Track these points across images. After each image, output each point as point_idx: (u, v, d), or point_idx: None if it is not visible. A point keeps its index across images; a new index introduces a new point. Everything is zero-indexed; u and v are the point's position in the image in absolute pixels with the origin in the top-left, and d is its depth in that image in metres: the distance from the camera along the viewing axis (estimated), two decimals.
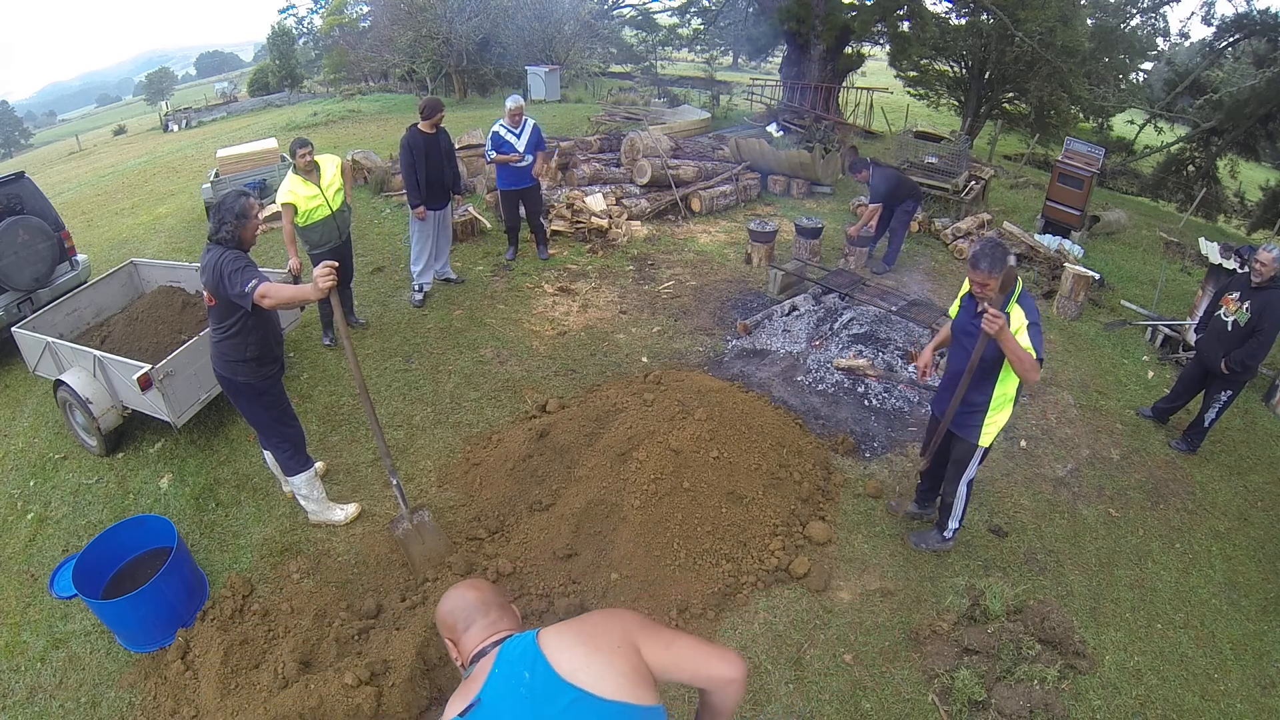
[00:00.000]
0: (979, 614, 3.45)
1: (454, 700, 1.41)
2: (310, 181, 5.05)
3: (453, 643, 1.55)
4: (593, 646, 1.36)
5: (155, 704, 3.06)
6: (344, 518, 3.99)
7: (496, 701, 1.33)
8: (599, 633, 1.40)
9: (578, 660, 1.33)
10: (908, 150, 11.25)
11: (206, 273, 3.21)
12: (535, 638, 1.39)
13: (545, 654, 1.35)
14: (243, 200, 3.25)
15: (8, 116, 49.56)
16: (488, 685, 1.36)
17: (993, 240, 3.15)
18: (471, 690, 1.38)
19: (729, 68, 32.03)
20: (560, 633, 1.39)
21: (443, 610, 1.56)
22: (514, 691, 1.33)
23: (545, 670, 1.33)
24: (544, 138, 6.78)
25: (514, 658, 1.37)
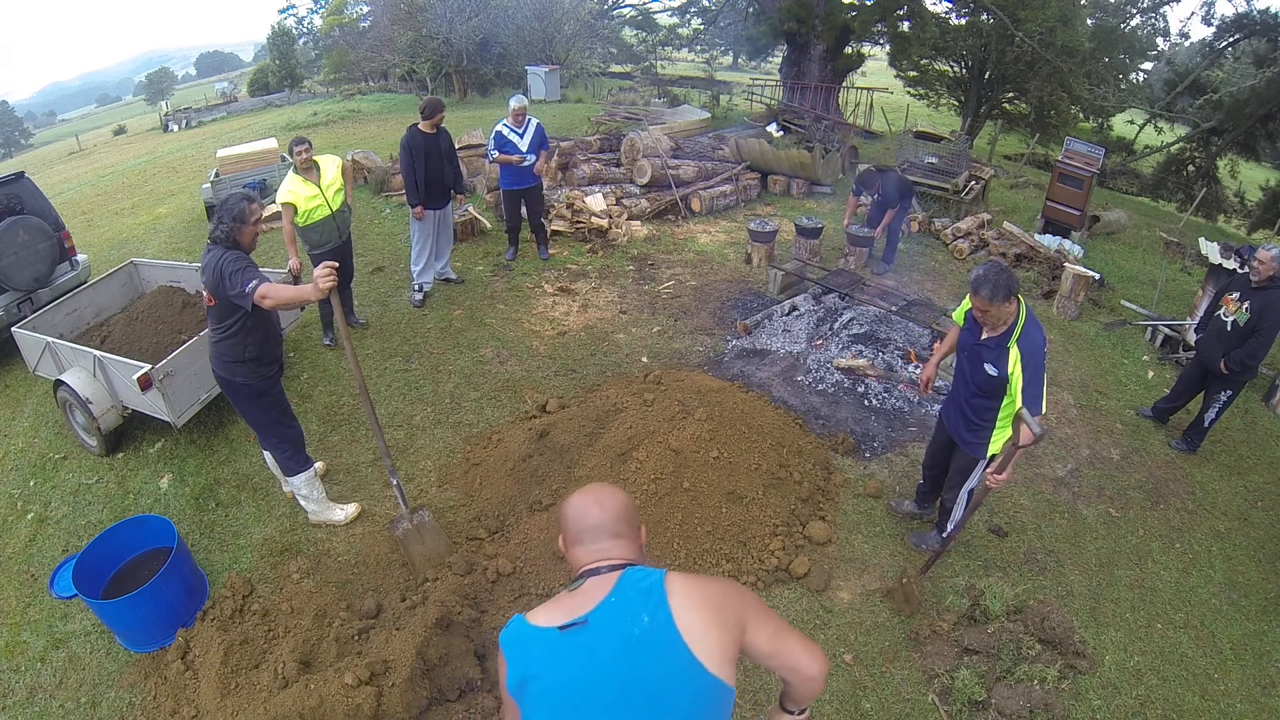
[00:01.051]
0: (979, 614, 3.45)
1: (555, 606, 1.40)
2: (310, 181, 5.05)
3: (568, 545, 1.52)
4: (714, 617, 1.35)
5: (155, 704, 3.06)
6: (344, 518, 3.99)
7: (605, 630, 1.32)
8: (723, 604, 1.38)
9: (699, 626, 1.32)
10: (908, 150, 11.25)
11: (206, 273, 3.21)
12: (663, 583, 1.36)
13: (670, 605, 1.33)
14: (244, 204, 3.24)
15: (8, 116, 49.57)
16: (600, 610, 1.34)
17: (997, 265, 3.03)
18: (578, 607, 1.36)
19: (729, 68, 32.05)
20: (687, 589, 1.37)
21: (569, 509, 1.51)
22: (627, 629, 1.31)
23: (666, 623, 1.31)
24: (547, 137, 6.79)
25: (636, 594, 1.35)
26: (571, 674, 1.32)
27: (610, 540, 1.47)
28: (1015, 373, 3.00)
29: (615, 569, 1.42)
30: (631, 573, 1.40)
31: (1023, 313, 3.06)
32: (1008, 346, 3.04)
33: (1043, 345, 3.03)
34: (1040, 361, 3.00)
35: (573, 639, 1.33)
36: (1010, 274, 2.98)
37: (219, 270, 3.13)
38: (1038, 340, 3.03)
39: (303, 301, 3.12)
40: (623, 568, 1.43)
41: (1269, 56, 16.02)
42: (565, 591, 1.44)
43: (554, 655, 1.34)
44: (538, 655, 1.36)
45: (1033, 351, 2.99)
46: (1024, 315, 3.06)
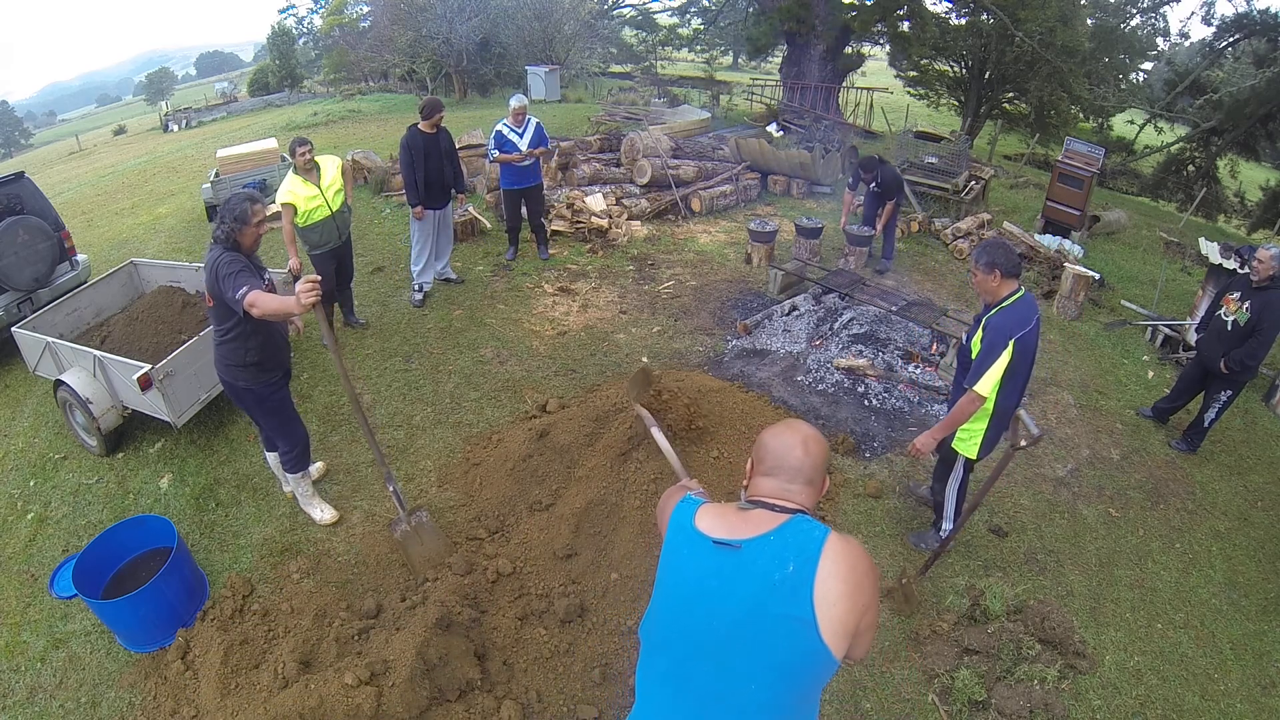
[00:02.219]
0: (979, 614, 3.45)
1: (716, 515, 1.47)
2: (310, 182, 5.06)
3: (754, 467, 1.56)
4: (850, 593, 1.37)
5: (155, 704, 3.05)
6: (319, 518, 3.99)
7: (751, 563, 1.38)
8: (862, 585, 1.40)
9: (833, 594, 1.35)
10: (908, 150, 11.25)
11: (205, 272, 3.21)
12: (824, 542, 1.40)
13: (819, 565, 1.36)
14: (246, 204, 3.21)
15: (8, 116, 49.59)
16: (756, 542, 1.40)
17: (996, 240, 3.17)
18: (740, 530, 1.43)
19: (729, 68, 32.05)
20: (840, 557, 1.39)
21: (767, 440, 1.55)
22: (769, 571, 1.37)
23: (808, 578, 1.36)
24: (547, 136, 6.79)
25: (793, 543, 1.39)
26: (704, 585, 1.40)
27: (802, 485, 1.51)
28: (975, 343, 3.09)
29: (787, 511, 1.46)
30: (800, 520, 1.44)
31: (1010, 299, 3.10)
32: (983, 320, 3.14)
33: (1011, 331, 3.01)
34: (994, 338, 3.01)
35: (721, 556, 1.41)
36: (1001, 250, 3.07)
37: (214, 271, 3.12)
38: (1004, 323, 3.04)
39: (287, 313, 3.03)
40: (794, 514, 1.46)
41: (1269, 56, 16.02)
42: (736, 507, 1.50)
43: (698, 561, 1.42)
44: (686, 554, 1.45)
45: (996, 329, 3.04)
46: (1008, 301, 3.10)
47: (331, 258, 5.36)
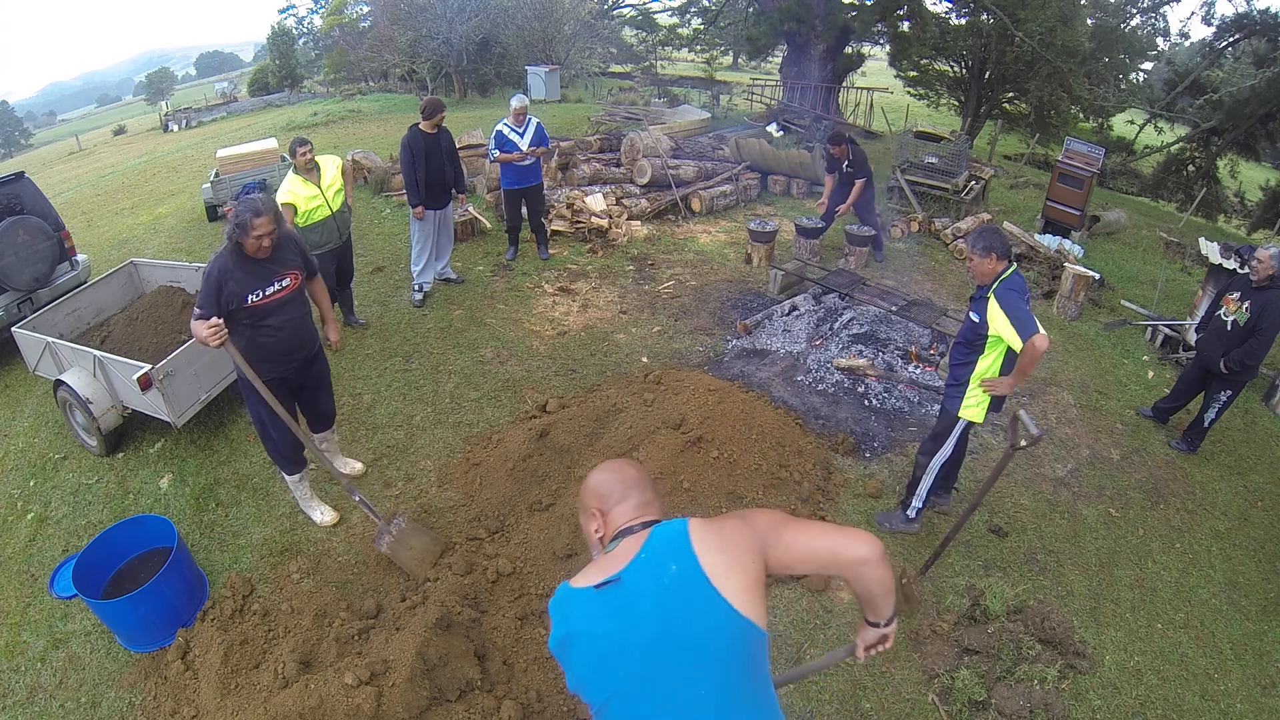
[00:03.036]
0: (979, 614, 3.45)
1: (591, 570, 1.44)
2: (310, 182, 5.06)
3: (600, 513, 1.57)
4: (734, 556, 1.37)
5: (155, 704, 3.05)
6: (318, 519, 3.99)
7: (638, 584, 1.36)
8: (737, 538, 1.40)
9: (722, 566, 1.35)
10: (908, 150, 11.25)
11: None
12: (686, 531, 1.40)
13: (695, 550, 1.36)
14: (249, 215, 3.12)
15: (8, 116, 49.60)
16: (632, 566, 1.39)
17: (989, 226, 3.47)
18: (613, 566, 1.41)
19: (729, 68, 32.04)
20: (708, 533, 1.40)
21: (597, 479, 1.58)
22: (657, 580, 1.35)
23: (693, 568, 1.35)
24: (547, 136, 6.79)
25: (663, 546, 1.40)
26: (608, 627, 1.37)
27: (650, 497, 1.56)
28: (995, 315, 3.24)
29: (646, 526, 1.47)
30: (660, 527, 1.45)
31: (1006, 274, 3.32)
32: (988, 296, 3.31)
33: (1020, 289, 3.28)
34: (1014, 299, 3.21)
35: (609, 596, 1.38)
36: (995, 234, 3.34)
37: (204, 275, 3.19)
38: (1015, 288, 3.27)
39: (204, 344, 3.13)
40: (653, 524, 1.47)
41: (1269, 56, 16.01)
42: (603, 554, 1.49)
43: (592, 612, 1.39)
44: (577, 614, 1.41)
45: (1007, 294, 3.24)
46: (1005, 275, 3.32)
47: (332, 258, 5.37)
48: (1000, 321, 3.22)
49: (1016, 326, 3.15)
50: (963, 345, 3.53)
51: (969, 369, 3.48)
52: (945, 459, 3.67)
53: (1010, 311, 3.19)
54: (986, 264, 3.31)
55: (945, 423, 3.65)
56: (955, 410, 3.57)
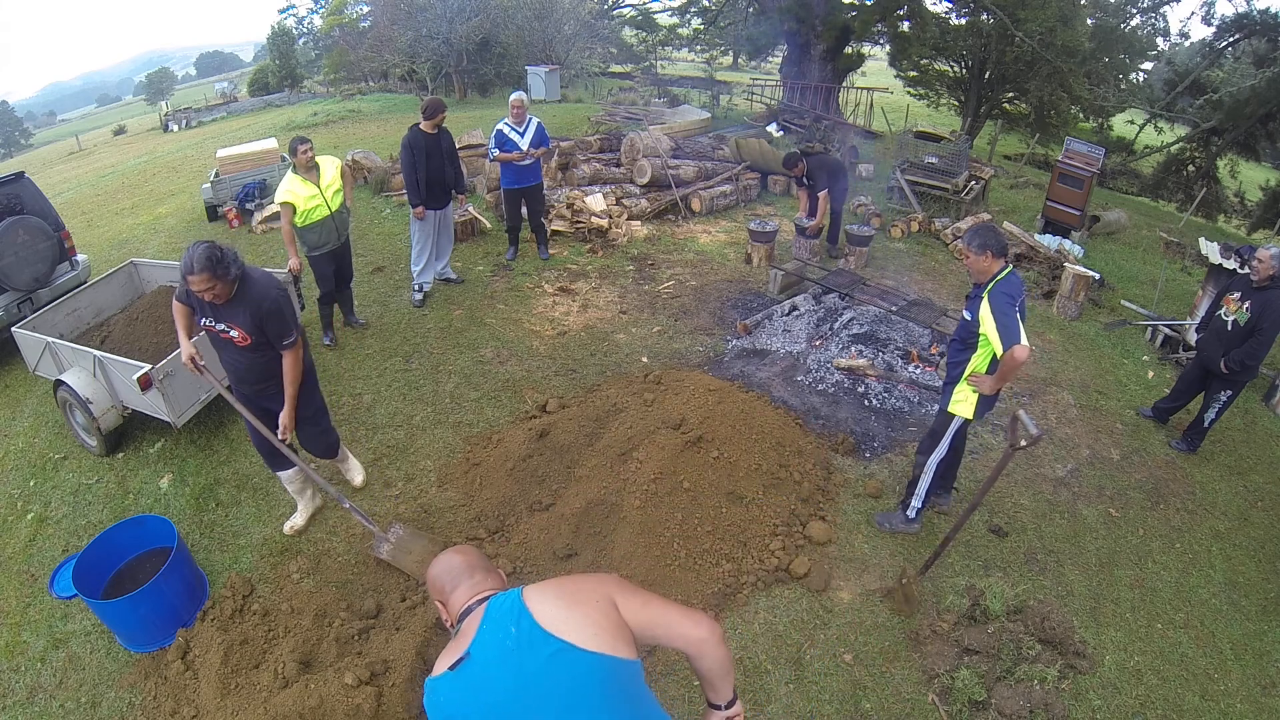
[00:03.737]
0: (979, 614, 3.45)
1: (444, 656, 1.48)
2: (309, 181, 5.05)
3: (442, 604, 1.62)
4: (572, 601, 1.43)
5: (155, 704, 3.06)
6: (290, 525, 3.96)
7: (485, 654, 1.40)
8: (578, 589, 1.48)
9: (559, 613, 1.40)
10: (908, 150, 11.25)
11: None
12: (520, 594, 1.45)
13: (529, 608, 1.41)
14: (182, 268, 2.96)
15: (8, 116, 49.58)
16: (476, 640, 1.43)
17: (985, 224, 3.51)
18: (461, 646, 1.45)
19: (729, 68, 32.02)
20: (542, 590, 1.47)
21: (432, 574, 1.65)
22: (501, 645, 1.39)
23: (529, 623, 1.39)
24: (548, 136, 6.79)
25: (500, 614, 1.44)
26: (473, 705, 1.39)
27: (482, 573, 1.62)
28: (985, 317, 3.26)
29: (483, 601, 1.52)
30: (495, 600, 1.49)
31: (1002, 274, 3.33)
32: (983, 295, 3.32)
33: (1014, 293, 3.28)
34: (1005, 304, 3.22)
35: (464, 675, 1.41)
36: (991, 232, 3.36)
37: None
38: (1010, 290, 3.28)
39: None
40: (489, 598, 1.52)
41: (1269, 56, 16.01)
42: (451, 640, 1.52)
43: (454, 695, 1.42)
44: (444, 700, 1.43)
45: (1000, 297, 3.25)
46: (1001, 275, 3.33)
47: (330, 259, 5.36)
48: (988, 323, 3.25)
49: (1001, 333, 3.18)
50: (957, 343, 3.56)
51: (962, 367, 3.51)
52: (942, 457, 3.68)
53: (999, 316, 3.21)
54: (982, 261, 3.33)
55: (940, 420, 3.68)
56: (945, 405, 3.61)
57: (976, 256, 3.33)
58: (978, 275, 3.40)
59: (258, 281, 3.17)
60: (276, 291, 3.20)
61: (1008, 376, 3.34)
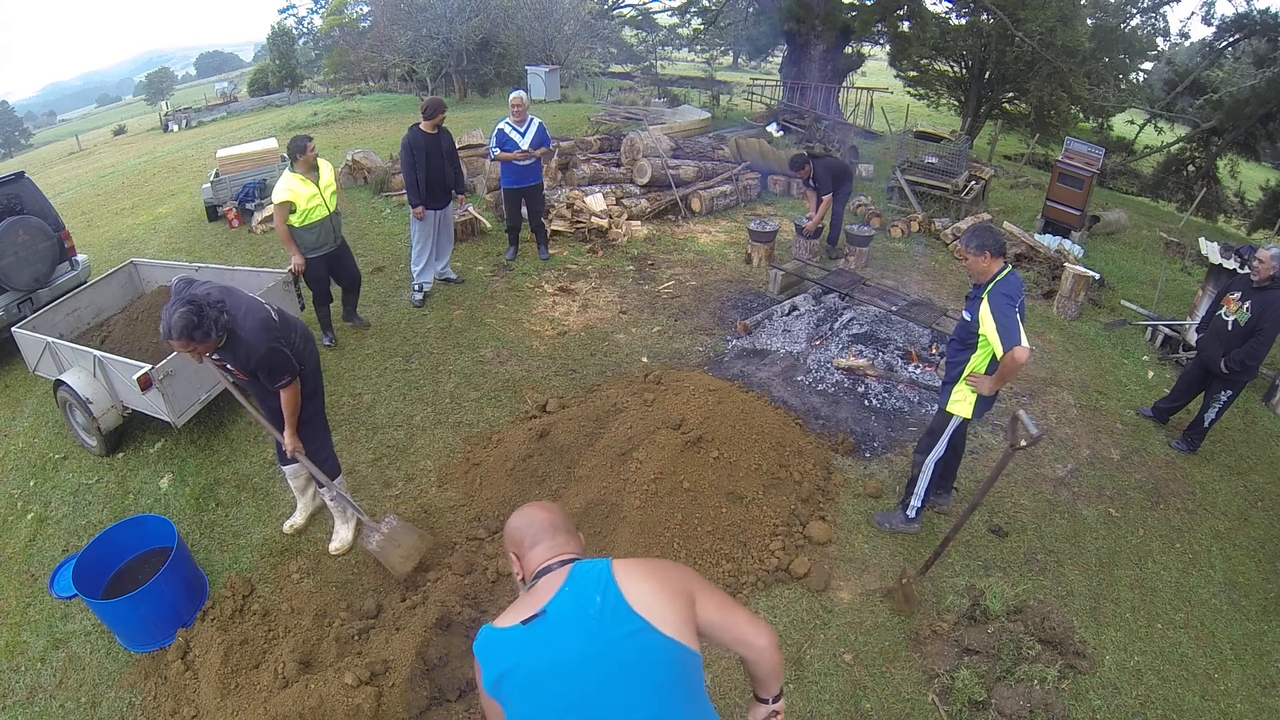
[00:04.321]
0: (979, 614, 3.45)
1: (515, 609, 1.48)
2: (310, 181, 5.04)
3: (517, 557, 1.62)
4: (660, 586, 1.45)
5: (155, 704, 3.06)
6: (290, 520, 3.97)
7: (563, 616, 1.42)
8: (667, 576, 1.50)
9: (646, 595, 1.42)
10: (908, 150, 11.25)
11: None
12: (609, 566, 1.47)
13: (618, 582, 1.43)
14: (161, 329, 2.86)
15: (8, 116, 49.60)
16: (555, 600, 1.44)
17: (982, 224, 3.60)
18: (536, 602, 1.45)
19: (729, 68, 32.03)
20: (631, 568, 1.48)
21: (514, 525, 1.64)
22: (583, 611, 1.41)
23: (617, 597, 1.41)
24: (549, 136, 6.80)
25: (587, 580, 1.45)
26: (541, 662, 1.40)
27: (564, 535, 1.61)
28: (985, 317, 3.27)
29: (565, 564, 1.53)
30: (580, 564, 1.51)
31: (1001, 274, 3.34)
32: (982, 295, 3.33)
33: (1014, 294, 3.29)
34: (1005, 305, 3.23)
35: (536, 631, 1.42)
36: (989, 232, 3.37)
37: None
38: (1004, 290, 3.28)
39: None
40: (572, 562, 1.54)
41: (1269, 56, 16.00)
42: (523, 593, 1.54)
43: (522, 649, 1.42)
44: (507, 653, 1.44)
45: (999, 298, 3.26)
46: (1000, 276, 3.33)
47: (325, 262, 5.33)
48: (988, 324, 3.25)
49: (1001, 334, 3.19)
50: (956, 343, 3.57)
51: (961, 367, 3.51)
52: (940, 456, 3.68)
53: (999, 317, 3.22)
54: (981, 262, 3.34)
55: (939, 420, 3.69)
56: (944, 404, 3.62)
57: (975, 257, 3.35)
58: (977, 276, 3.40)
59: (245, 337, 2.99)
60: (266, 348, 3.02)
61: (1007, 378, 3.35)
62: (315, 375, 3.44)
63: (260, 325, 3.03)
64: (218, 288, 3.03)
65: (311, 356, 3.40)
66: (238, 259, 7.56)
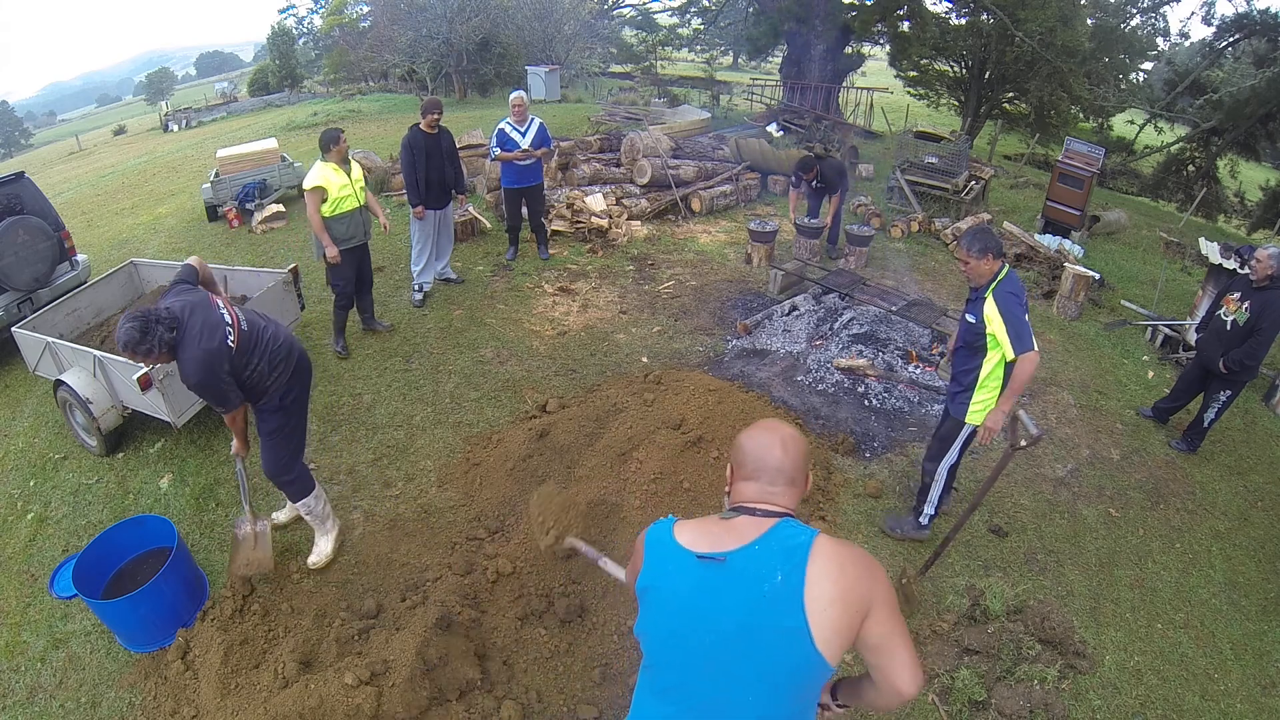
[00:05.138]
0: (979, 614, 3.45)
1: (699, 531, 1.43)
2: (342, 171, 5.01)
3: (732, 473, 1.54)
4: (842, 593, 1.35)
5: (155, 704, 3.05)
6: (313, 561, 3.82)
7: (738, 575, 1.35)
8: (855, 582, 1.37)
9: (823, 597, 1.33)
10: (908, 150, 11.25)
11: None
12: (810, 543, 1.38)
13: (807, 571, 1.34)
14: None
15: (8, 116, 49.64)
16: (741, 553, 1.37)
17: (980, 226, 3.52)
18: (724, 542, 1.39)
19: (729, 68, 32.05)
20: (827, 561, 1.36)
21: (745, 446, 1.53)
22: (757, 580, 1.34)
23: (797, 586, 1.33)
24: (550, 137, 6.80)
25: (780, 549, 1.37)
26: (692, 602, 1.37)
27: (784, 486, 1.49)
28: (992, 317, 3.23)
29: (772, 515, 1.44)
30: (785, 525, 1.42)
31: (1003, 273, 3.31)
32: (985, 296, 3.30)
33: (1020, 292, 3.27)
34: (1013, 305, 3.21)
35: (706, 571, 1.37)
36: (988, 234, 3.33)
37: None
38: (1013, 289, 3.26)
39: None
40: (780, 517, 1.44)
41: (1269, 56, 16.01)
42: (718, 517, 1.46)
43: (684, 578, 1.39)
44: (670, 571, 1.41)
45: (1005, 296, 3.23)
46: (1004, 272, 3.31)
47: (354, 258, 5.25)
48: (997, 324, 3.21)
49: (1013, 337, 3.15)
50: (963, 349, 3.49)
51: (973, 373, 3.43)
52: (954, 462, 3.65)
53: (1009, 318, 3.18)
54: (983, 265, 3.29)
55: (950, 427, 3.61)
56: (961, 416, 3.51)
57: (978, 260, 3.28)
58: (978, 279, 3.35)
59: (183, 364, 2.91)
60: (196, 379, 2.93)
61: (1019, 390, 3.27)
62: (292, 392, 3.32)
63: (203, 355, 2.89)
64: (188, 304, 2.94)
65: (283, 375, 3.25)
66: (238, 259, 7.57)
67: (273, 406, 3.29)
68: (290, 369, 3.31)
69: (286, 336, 3.35)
